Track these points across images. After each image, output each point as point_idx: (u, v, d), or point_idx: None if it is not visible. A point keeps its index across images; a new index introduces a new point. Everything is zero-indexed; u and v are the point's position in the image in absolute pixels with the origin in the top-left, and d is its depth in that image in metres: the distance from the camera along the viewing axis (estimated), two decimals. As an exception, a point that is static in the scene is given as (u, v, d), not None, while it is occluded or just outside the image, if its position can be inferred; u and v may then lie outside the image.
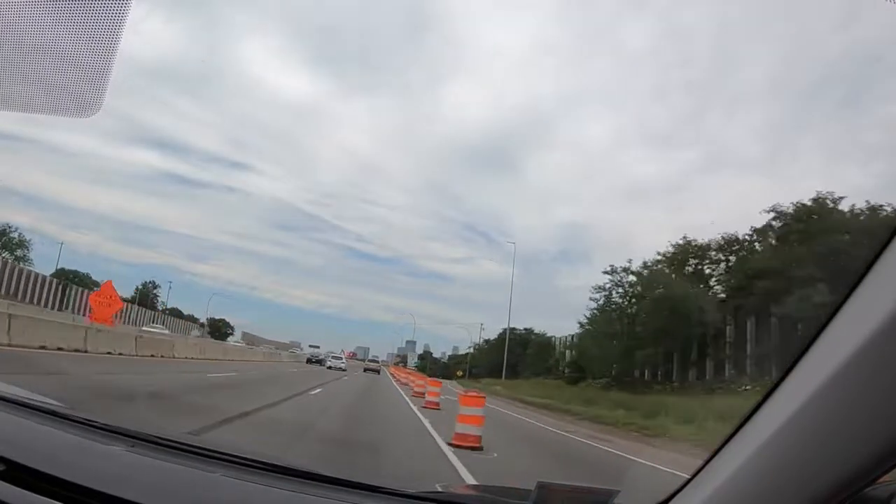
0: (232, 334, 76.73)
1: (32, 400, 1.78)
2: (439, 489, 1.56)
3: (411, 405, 17.12)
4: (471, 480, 6.42)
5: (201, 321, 79.27)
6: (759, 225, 33.70)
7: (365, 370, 47.74)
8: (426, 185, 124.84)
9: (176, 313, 78.69)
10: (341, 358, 48.34)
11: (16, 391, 1.86)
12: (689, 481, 1.10)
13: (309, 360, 50.34)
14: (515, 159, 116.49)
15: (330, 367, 41.39)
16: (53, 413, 1.66)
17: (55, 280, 51.46)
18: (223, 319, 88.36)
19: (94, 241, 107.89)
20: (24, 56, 1.43)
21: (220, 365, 22.85)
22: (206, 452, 1.52)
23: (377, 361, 62.31)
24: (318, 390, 17.73)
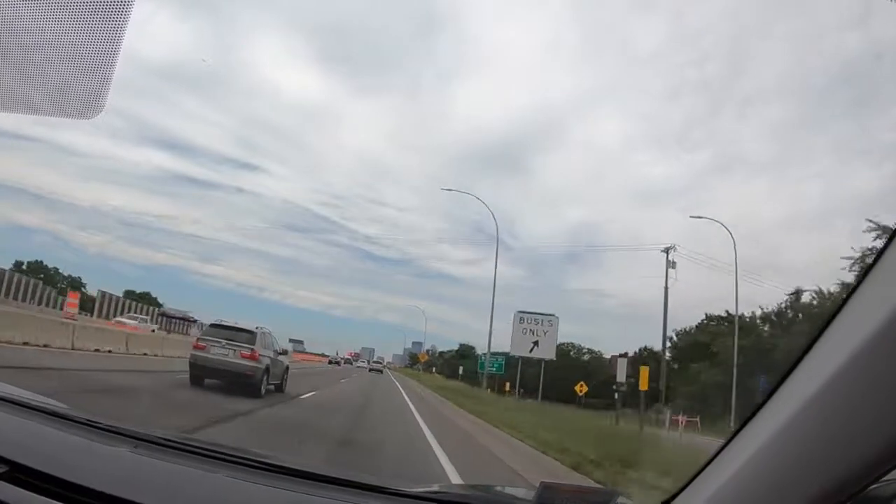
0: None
1: (35, 401, 1.79)
2: (440, 489, 1.56)
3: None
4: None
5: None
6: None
7: (370, 370, 59.94)
8: (435, 186, 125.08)
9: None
10: (363, 360, 70.08)
11: (18, 392, 1.86)
12: (691, 481, 1.09)
13: (331, 362, 63.56)
14: (525, 160, 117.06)
15: (359, 367, 60.10)
16: (56, 414, 1.66)
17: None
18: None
19: (102, 242, 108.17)
20: (25, 55, 1.44)
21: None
22: (210, 453, 1.52)
23: (381, 363, 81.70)
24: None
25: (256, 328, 13.80)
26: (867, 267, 0.84)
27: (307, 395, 16.36)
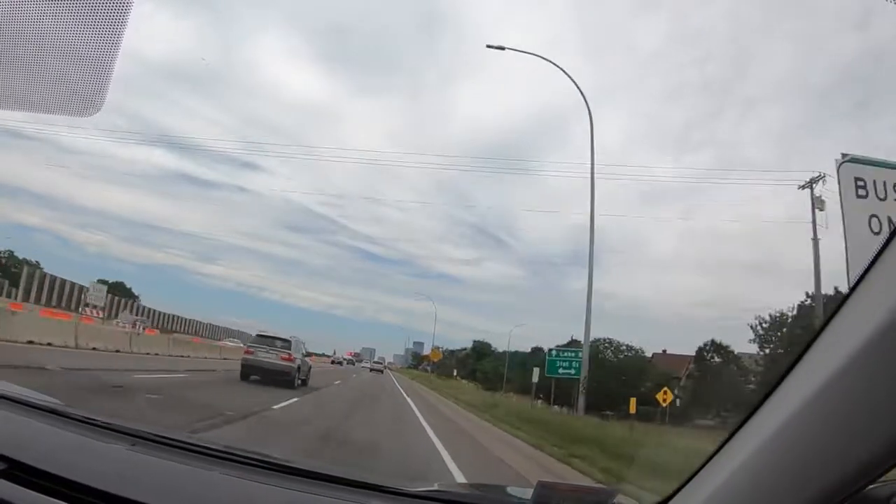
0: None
1: (33, 398, 1.79)
2: (440, 488, 1.56)
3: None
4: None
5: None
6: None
7: (371, 370, 59.51)
8: (437, 186, 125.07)
9: None
10: (366, 361, 67.60)
11: (17, 389, 1.86)
12: (688, 481, 1.09)
13: (333, 362, 63.22)
14: (527, 161, 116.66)
15: (363, 367, 59.77)
16: (54, 411, 1.66)
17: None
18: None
19: (103, 241, 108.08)
20: (23, 53, 1.43)
21: None
22: (207, 451, 1.52)
23: (381, 363, 76.46)
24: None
25: (291, 337, 18.17)
26: (865, 267, 0.84)
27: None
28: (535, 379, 31.27)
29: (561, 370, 24.70)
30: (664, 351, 53.66)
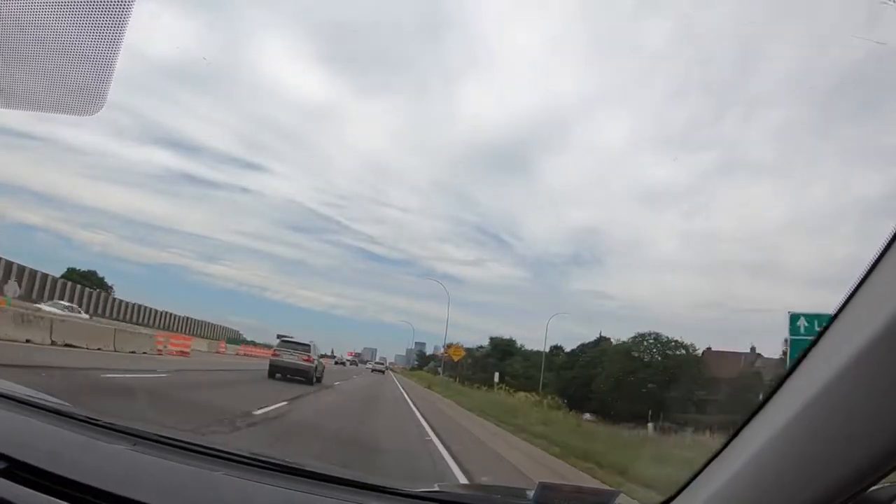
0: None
1: (35, 398, 1.79)
2: (441, 489, 1.56)
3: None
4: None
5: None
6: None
7: (372, 370, 58.99)
8: (439, 186, 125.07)
9: None
10: (369, 362, 68.33)
11: (18, 389, 1.86)
12: (690, 482, 1.09)
13: (336, 363, 63.65)
14: (529, 161, 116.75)
15: (366, 368, 60.43)
16: (56, 411, 1.66)
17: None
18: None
19: (105, 241, 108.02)
20: (23, 51, 1.43)
21: None
22: (209, 451, 1.52)
23: (383, 364, 76.49)
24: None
25: (309, 342, 21.37)
26: (867, 268, 0.84)
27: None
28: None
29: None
30: (709, 348, 46.66)
